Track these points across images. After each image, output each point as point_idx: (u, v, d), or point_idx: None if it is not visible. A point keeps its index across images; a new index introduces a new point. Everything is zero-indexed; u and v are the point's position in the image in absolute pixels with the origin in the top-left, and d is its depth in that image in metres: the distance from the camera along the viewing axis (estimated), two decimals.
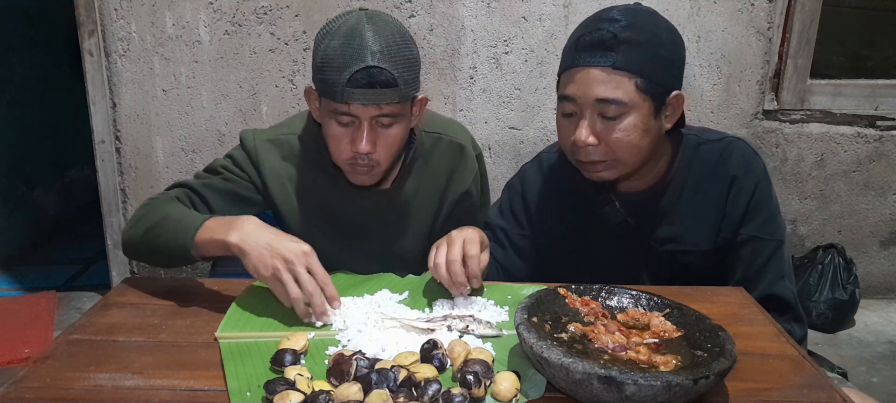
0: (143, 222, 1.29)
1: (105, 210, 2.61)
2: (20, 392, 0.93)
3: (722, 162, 1.34)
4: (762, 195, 1.33)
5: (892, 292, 2.84)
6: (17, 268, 3.23)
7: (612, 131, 1.22)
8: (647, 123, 1.23)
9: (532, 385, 0.95)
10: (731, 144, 1.36)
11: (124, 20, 2.42)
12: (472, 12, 2.43)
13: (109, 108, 2.50)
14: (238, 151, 1.43)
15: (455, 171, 1.50)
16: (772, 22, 2.49)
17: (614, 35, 1.19)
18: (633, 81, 1.19)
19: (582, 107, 1.23)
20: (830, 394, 0.96)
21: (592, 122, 1.23)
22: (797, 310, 1.33)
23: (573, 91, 1.23)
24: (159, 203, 1.33)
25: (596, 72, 1.20)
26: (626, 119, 1.21)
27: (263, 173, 1.41)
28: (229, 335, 1.09)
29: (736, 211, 1.33)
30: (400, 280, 1.31)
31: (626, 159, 1.25)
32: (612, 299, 1.12)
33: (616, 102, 1.20)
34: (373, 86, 1.21)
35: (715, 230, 1.35)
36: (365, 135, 1.26)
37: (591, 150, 1.24)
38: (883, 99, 2.62)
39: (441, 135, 1.49)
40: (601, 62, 1.20)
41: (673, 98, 1.25)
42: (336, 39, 1.23)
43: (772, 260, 1.33)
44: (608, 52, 1.19)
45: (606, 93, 1.20)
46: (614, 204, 1.37)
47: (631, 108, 1.21)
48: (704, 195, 1.35)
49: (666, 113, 1.26)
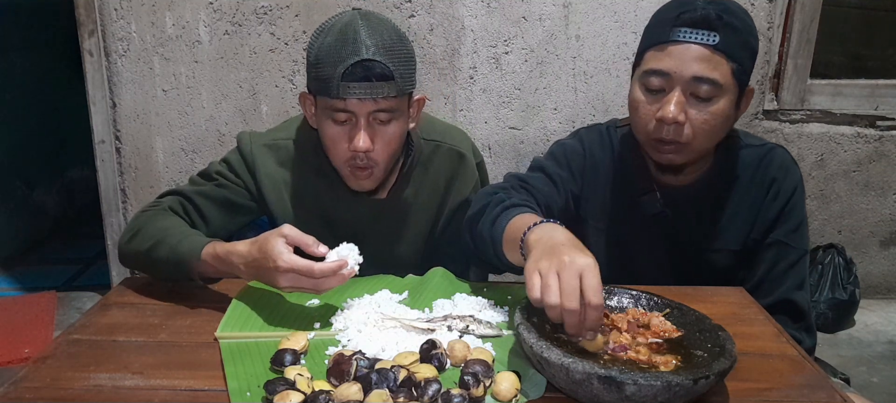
0: (141, 237, 1.27)
1: (105, 210, 2.61)
2: (20, 392, 0.93)
3: (763, 166, 1.35)
4: (796, 203, 1.34)
5: (892, 292, 2.84)
6: (17, 268, 3.23)
7: (701, 113, 1.21)
8: (730, 111, 1.23)
9: (532, 385, 0.95)
10: (773, 150, 1.37)
11: (124, 20, 2.42)
12: (472, 12, 2.43)
13: (109, 108, 2.50)
14: (234, 155, 1.42)
15: (455, 179, 1.48)
16: (772, 22, 2.49)
17: (719, 16, 1.18)
18: (730, 66, 1.18)
19: (674, 83, 1.20)
20: (830, 394, 0.96)
21: (683, 100, 1.21)
22: (810, 320, 1.34)
23: (668, 65, 1.20)
24: (154, 219, 1.31)
25: (697, 49, 1.18)
26: (717, 103, 1.20)
27: (259, 178, 1.39)
28: (229, 335, 1.09)
29: (770, 214, 1.34)
30: (400, 280, 1.30)
31: (701, 144, 1.24)
32: (612, 299, 1.12)
33: (713, 83, 1.18)
34: (369, 79, 1.20)
35: (747, 231, 1.36)
36: (362, 132, 1.24)
37: (676, 130, 1.22)
38: (883, 99, 2.62)
39: (441, 143, 1.47)
40: (705, 39, 1.18)
41: (748, 92, 1.26)
42: (329, 37, 1.23)
43: (794, 267, 1.34)
44: (712, 32, 1.17)
45: (705, 72, 1.18)
46: (655, 193, 1.36)
47: (723, 93, 1.20)
48: (743, 196, 1.35)
49: (741, 106, 1.26)
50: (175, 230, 1.26)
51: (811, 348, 1.35)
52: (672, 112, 1.20)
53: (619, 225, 1.41)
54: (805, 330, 1.33)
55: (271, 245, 1.09)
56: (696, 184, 1.36)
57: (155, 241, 1.24)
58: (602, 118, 2.52)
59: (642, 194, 1.37)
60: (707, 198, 1.36)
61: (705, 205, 1.36)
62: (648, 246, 1.39)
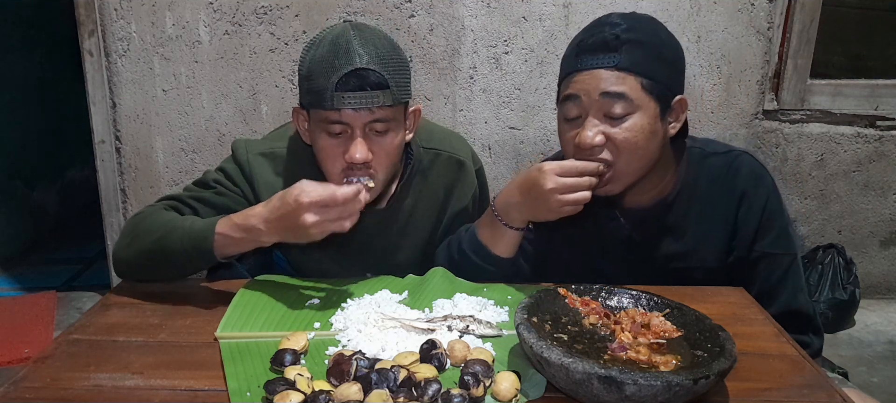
0: (145, 235, 1.24)
1: (105, 210, 2.61)
2: (20, 392, 0.93)
3: (730, 176, 1.31)
4: (773, 209, 1.30)
5: (892, 292, 2.84)
6: (17, 268, 3.23)
7: (618, 131, 1.19)
8: (652, 125, 1.20)
9: (532, 385, 0.95)
10: (739, 158, 1.32)
11: (124, 20, 2.42)
12: (472, 12, 2.43)
13: (109, 108, 2.50)
14: (230, 164, 1.38)
15: (454, 188, 1.47)
16: (772, 22, 2.49)
17: (617, 36, 1.18)
18: (638, 81, 1.18)
19: (587, 107, 1.20)
20: (830, 394, 0.96)
21: (598, 122, 1.20)
22: (816, 322, 1.33)
23: (578, 89, 1.21)
24: (155, 214, 1.28)
25: (601, 72, 1.19)
26: (632, 118, 1.19)
27: (256, 187, 1.36)
28: (229, 335, 1.09)
29: (748, 228, 1.31)
30: (400, 280, 1.30)
31: (629, 164, 1.22)
32: (612, 299, 1.12)
33: (623, 97, 1.18)
34: (363, 88, 1.19)
35: (723, 247, 1.33)
36: (359, 141, 1.22)
37: (597, 152, 1.21)
38: (883, 99, 2.62)
39: (440, 151, 1.46)
40: (606, 62, 1.18)
41: (677, 102, 1.24)
42: (321, 48, 1.21)
43: (788, 274, 1.31)
44: (612, 53, 1.18)
45: (613, 88, 1.18)
46: (619, 220, 1.34)
47: (637, 107, 1.19)
48: (712, 210, 1.32)
49: (670, 119, 1.25)
50: (181, 219, 1.24)
51: (820, 348, 1.33)
52: (588, 135, 1.19)
53: (590, 254, 1.39)
54: (813, 332, 1.32)
55: (293, 187, 1.11)
56: (660, 203, 1.33)
57: (164, 232, 1.21)
58: None
59: (608, 222, 1.35)
60: (673, 216, 1.33)
61: (672, 224, 1.33)
62: (623, 271, 1.35)
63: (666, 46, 1.22)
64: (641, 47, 1.19)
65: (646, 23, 1.23)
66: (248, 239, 1.18)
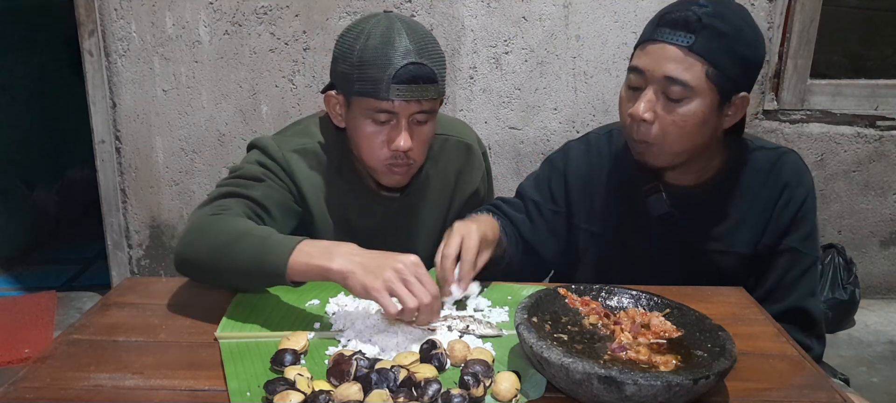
0: (211, 238, 1.18)
1: (105, 210, 2.61)
2: (20, 392, 0.93)
3: (775, 169, 1.33)
4: (809, 208, 1.33)
5: (892, 292, 2.84)
6: (17, 268, 3.23)
7: (670, 114, 1.21)
8: (707, 115, 1.21)
9: (532, 385, 0.95)
10: (786, 154, 1.35)
11: (124, 20, 2.42)
12: (472, 12, 2.43)
13: (109, 108, 2.50)
14: (267, 160, 1.34)
15: (463, 171, 1.50)
16: (772, 22, 2.49)
17: (699, 19, 1.18)
18: (704, 68, 1.18)
19: (648, 82, 1.22)
20: (830, 395, 0.96)
21: (654, 99, 1.22)
22: (820, 329, 1.34)
23: (644, 63, 1.22)
24: (227, 219, 1.21)
25: (671, 49, 1.19)
26: (688, 105, 1.20)
27: (299, 183, 1.36)
28: (229, 335, 1.09)
29: (782, 220, 1.32)
30: None
31: (675, 144, 1.23)
32: (612, 299, 1.12)
33: (683, 84, 1.18)
34: (416, 81, 1.23)
35: (757, 235, 1.34)
36: (404, 133, 1.26)
37: (644, 128, 1.23)
38: (883, 99, 2.62)
39: (448, 136, 1.49)
40: (679, 41, 1.18)
41: (739, 98, 1.24)
42: (373, 39, 1.24)
43: (806, 275, 1.33)
44: (689, 33, 1.18)
45: (676, 73, 1.18)
46: (661, 193, 1.35)
47: (695, 95, 1.19)
48: (754, 199, 1.34)
49: (728, 112, 1.25)
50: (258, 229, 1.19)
51: (819, 355, 1.34)
52: (639, 109, 1.22)
53: (622, 229, 1.40)
54: (816, 337, 1.33)
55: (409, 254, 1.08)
56: (704, 185, 1.34)
57: (232, 238, 1.16)
58: (602, 118, 2.53)
59: (648, 195, 1.36)
60: (715, 199, 1.35)
61: (713, 207, 1.35)
62: (654, 249, 1.37)
63: (745, 42, 1.21)
64: (720, 37, 1.18)
65: (733, 13, 1.22)
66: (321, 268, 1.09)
